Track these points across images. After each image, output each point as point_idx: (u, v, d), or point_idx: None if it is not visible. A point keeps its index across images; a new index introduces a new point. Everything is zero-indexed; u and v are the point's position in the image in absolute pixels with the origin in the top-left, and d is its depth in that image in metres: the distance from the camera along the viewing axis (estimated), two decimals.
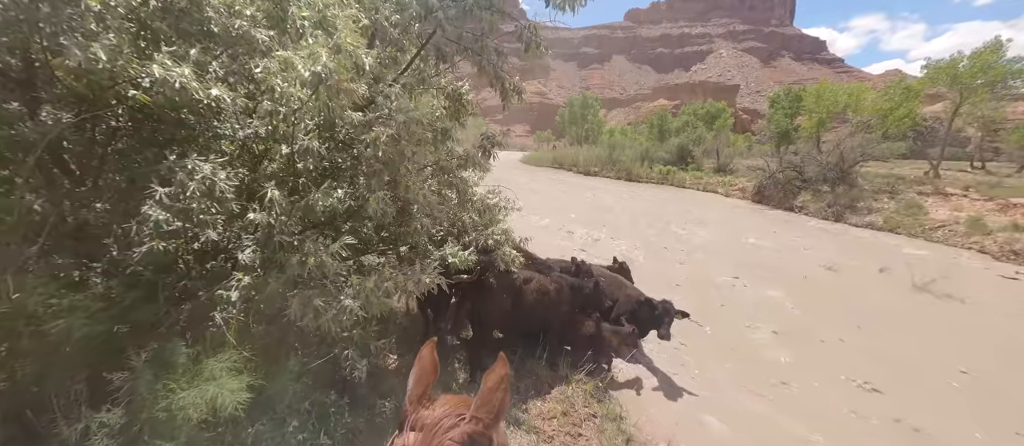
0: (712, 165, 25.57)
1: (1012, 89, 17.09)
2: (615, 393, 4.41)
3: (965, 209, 13.28)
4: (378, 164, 1.91)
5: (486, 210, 3.12)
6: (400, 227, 2.56)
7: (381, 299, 1.84)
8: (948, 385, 4.90)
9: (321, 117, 1.83)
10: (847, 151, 16.79)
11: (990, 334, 6.28)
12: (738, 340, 5.73)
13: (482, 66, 2.28)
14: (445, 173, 2.60)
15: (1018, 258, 10.51)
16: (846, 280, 8.59)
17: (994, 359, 5.50)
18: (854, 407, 4.36)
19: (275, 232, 1.75)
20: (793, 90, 28.08)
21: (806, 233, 13.02)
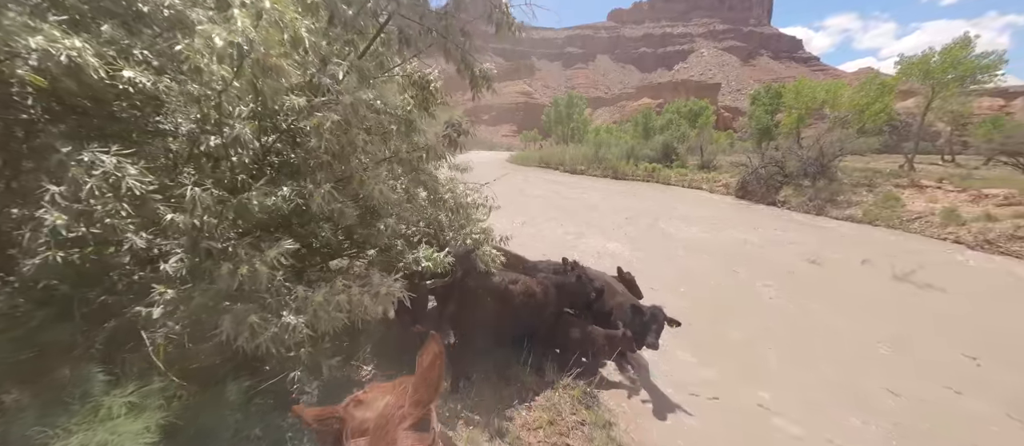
0: (696, 162, 25.81)
1: (980, 83, 17.63)
2: (605, 397, 4.22)
3: (940, 200, 13.61)
4: (325, 156, 1.67)
5: (460, 209, 2.88)
6: (365, 229, 2.31)
7: (332, 314, 1.59)
8: (949, 370, 4.86)
9: (258, 103, 1.58)
10: (826, 146, 17.09)
11: (973, 321, 6.33)
12: (729, 338, 5.62)
13: (447, 50, 2.04)
14: (414, 169, 2.36)
15: (991, 247, 10.77)
16: (830, 273, 8.63)
17: (982, 343, 5.52)
18: (852, 404, 4.27)
19: (201, 237, 1.49)
20: (773, 87, 28.57)
21: (790, 227, 13.15)
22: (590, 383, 4.23)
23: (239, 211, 1.52)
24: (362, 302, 1.64)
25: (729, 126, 51.69)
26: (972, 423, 4.08)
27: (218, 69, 1.39)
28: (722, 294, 7.22)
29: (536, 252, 6.55)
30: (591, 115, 62.67)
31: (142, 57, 1.86)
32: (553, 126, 48.77)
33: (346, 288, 1.64)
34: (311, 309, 1.54)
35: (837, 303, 6.89)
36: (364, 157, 1.79)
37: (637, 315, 4.26)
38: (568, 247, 9.83)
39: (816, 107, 23.95)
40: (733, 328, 5.90)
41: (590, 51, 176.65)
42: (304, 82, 1.78)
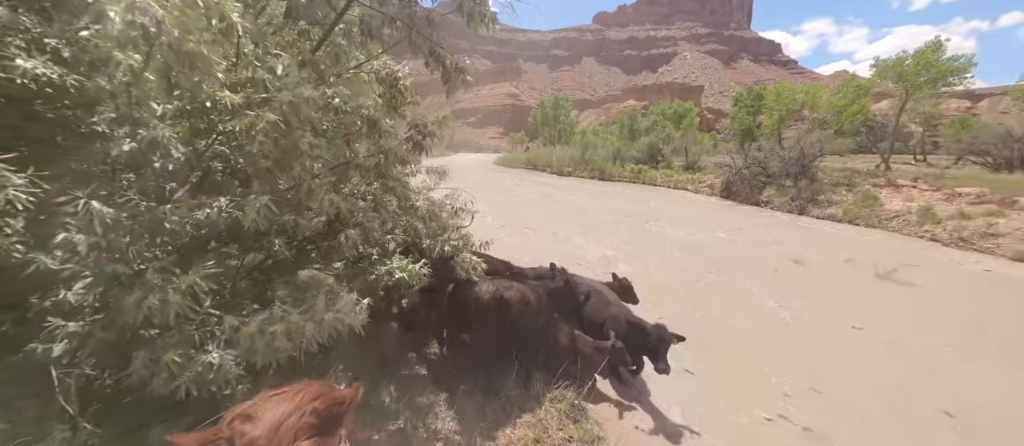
0: (681, 163, 26.04)
1: (950, 85, 18.20)
2: (594, 410, 4.04)
3: (916, 199, 13.93)
4: (263, 162, 1.44)
5: (432, 216, 2.67)
6: (327, 241, 2.08)
7: (272, 345, 1.36)
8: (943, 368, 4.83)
9: (185, 100, 1.35)
10: (807, 147, 17.37)
11: (955, 315, 6.38)
12: (718, 343, 5.51)
13: (413, 41, 1.83)
14: (381, 175, 2.14)
15: (966, 244, 11.03)
16: (815, 272, 8.67)
17: (965, 339, 5.54)
18: (845, 413, 4.18)
19: (108, 260, 1.24)
20: (754, 90, 29.06)
21: (773, 227, 13.27)
22: (579, 395, 4.05)
23: (152, 227, 1.28)
24: (302, 331, 1.41)
25: (712, 127, 52.53)
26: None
27: (124, 57, 1.15)
28: (709, 296, 7.15)
29: (525, 255, 6.38)
30: (577, 117, 62.97)
31: (55, 46, 1.60)
32: (540, 128, 48.79)
33: (285, 316, 1.40)
34: (244, 342, 1.31)
35: (824, 304, 6.89)
36: (313, 162, 1.57)
37: (635, 332, 4.04)
38: (558, 250, 9.67)
39: (796, 109, 24.42)
40: (722, 332, 5.80)
41: (576, 53, 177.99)
42: (247, 77, 1.54)
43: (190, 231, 1.37)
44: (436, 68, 2.01)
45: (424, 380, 4.12)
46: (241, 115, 1.28)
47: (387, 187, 2.21)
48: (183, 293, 1.22)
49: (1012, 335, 5.92)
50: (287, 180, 1.57)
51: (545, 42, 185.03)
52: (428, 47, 1.88)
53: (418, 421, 3.43)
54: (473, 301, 3.69)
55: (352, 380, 3.71)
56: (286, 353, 1.41)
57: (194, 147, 1.52)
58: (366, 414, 3.33)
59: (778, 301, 6.97)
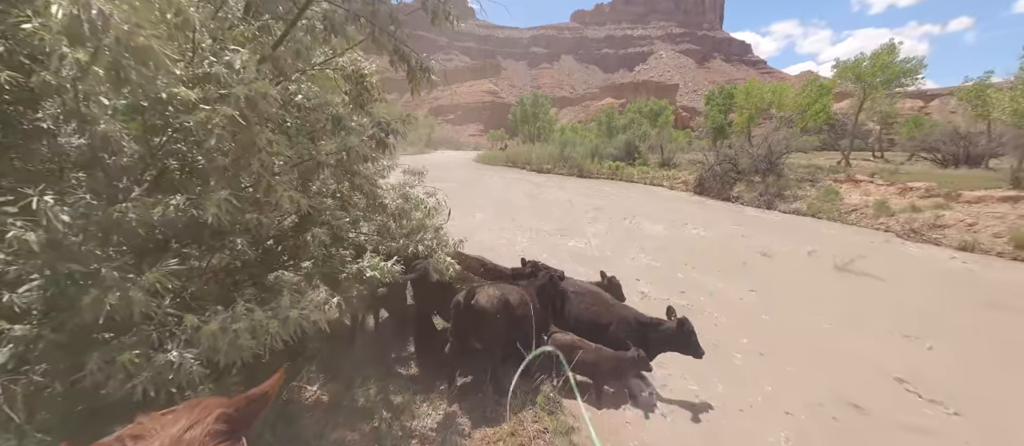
0: (657, 160, 26.66)
1: (903, 86, 19.37)
2: (568, 403, 4.14)
3: (872, 193, 14.77)
4: (220, 158, 1.42)
5: (402, 214, 2.67)
6: (291, 240, 2.05)
7: (236, 344, 1.35)
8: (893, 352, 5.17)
9: (137, 95, 1.31)
10: (774, 144, 18.11)
11: (901, 301, 6.84)
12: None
13: (375, 38, 1.83)
14: (348, 172, 2.12)
15: (916, 235, 11.79)
16: (780, 264, 9.09)
17: (909, 320, 5.95)
18: (805, 401, 4.43)
19: (61, 259, 1.20)
20: (726, 89, 30.07)
21: (743, 221, 13.79)
22: (554, 389, 4.13)
23: (107, 226, 1.25)
24: (267, 328, 1.41)
25: (687, 125, 53.97)
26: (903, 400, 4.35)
27: (69, 51, 1.12)
28: (681, 289, 7.39)
29: (504, 252, 6.43)
30: (557, 114, 63.43)
31: None
32: (519, 125, 48.88)
33: (248, 313, 1.39)
34: (205, 340, 1.29)
35: (787, 294, 7.24)
36: (273, 159, 1.55)
37: (651, 330, 4.18)
38: (537, 246, 9.77)
39: (764, 107, 25.43)
40: (694, 322, 6.01)
41: (555, 51, 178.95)
42: (203, 73, 1.51)
43: (146, 230, 1.33)
44: (401, 67, 2.01)
45: (402, 380, 4.11)
46: (197, 111, 1.26)
47: (354, 185, 2.20)
48: (146, 291, 1.19)
49: (952, 318, 6.41)
50: (247, 177, 1.55)
51: (524, 39, 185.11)
52: (392, 45, 1.88)
53: (394, 420, 3.43)
54: (487, 307, 3.70)
55: (325, 382, 3.67)
56: (251, 351, 1.40)
57: (149, 144, 1.48)
58: (338, 415, 3.30)
59: (746, 292, 7.27)
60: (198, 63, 1.41)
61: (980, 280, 8.56)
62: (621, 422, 3.92)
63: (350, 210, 2.39)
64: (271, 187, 1.50)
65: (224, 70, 1.31)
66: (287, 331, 1.47)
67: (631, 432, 3.80)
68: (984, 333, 6.02)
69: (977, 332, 6.05)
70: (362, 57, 2.64)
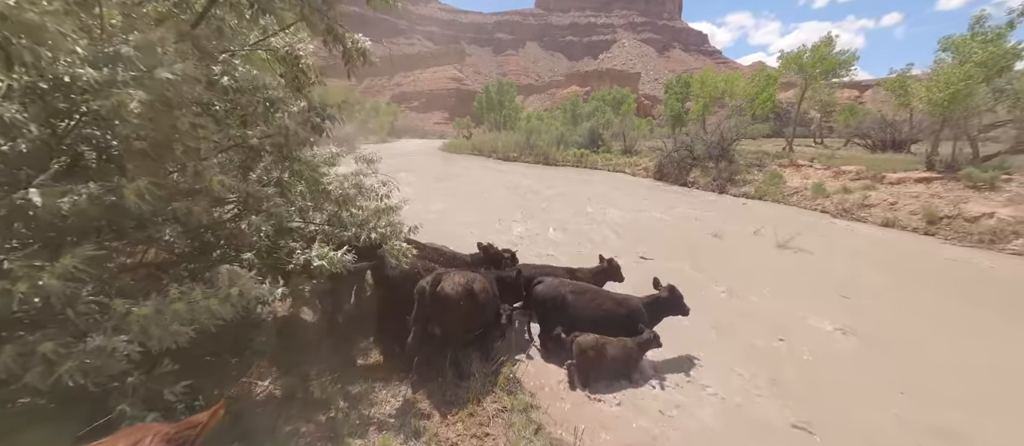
0: (620, 147, 27.36)
1: (840, 77, 20.93)
2: (527, 382, 4.28)
3: (811, 177, 15.97)
4: (137, 143, 1.35)
5: (347, 201, 2.63)
6: (225, 229, 1.98)
7: (171, 328, 1.31)
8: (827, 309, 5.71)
9: (32, 75, 1.21)
10: (726, 131, 19.09)
11: (832, 271, 7.55)
12: None
13: (306, 16, 1.77)
14: (285, 158, 2.06)
15: (847, 214, 12.93)
16: (729, 243, 9.71)
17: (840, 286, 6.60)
18: (747, 358, 4.82)
19: None
20: (683, 77, 31.17)
21: (698, 205, 14.53)
22: (513, 369, 4.26)
23: (7, 217, 1.16)
24: (207, 308, 1.37)
25: (648, 113, 55.57)
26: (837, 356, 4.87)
27: None
28: (643, 269, 7.73)
29: (470, 240, 6.45)
30: (523, 102, 63.29)
31: None
32: (485, 113, 48.41)
33: (184, 295, 1.35)
34: (136, 325, 1.24)
35: (734, 270, 7.77)
36: (198, 144, 1.47)
37: (652, 306, 4.59)
38: (505, 234, 9.84)
39: (718, 96, 26.65)
40: None
41: (520, 37, 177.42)
42: (112, 52, 1.41)
43: (60, 220, 1.24)
44: (335, 47, 1.95)
45: (361, 369, 4.08)
46: (106, 93, 1.18)
47: (294, 172, 2.14)
48: (60, 277, 1.12)
49: (873, 284, 7.17)
50: (172, 164, 1.47)
51: (488, 25, 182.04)
52: (324, 24, 1.82)
53: (351, 409, 3.42)
54: (453, 295, 3.73)
55: (277, 377, 3.59)
56: (186, 335, 1.36)
57: (53, 129, 1.37)
58: (292, 408, 3.25)
59: (699, 271, 7.73)
60: (106, 42, 1.32)
61: (896, 251, 9.57)
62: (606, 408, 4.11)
63: (292, 198, 2.33)
64: (198, 173, 1.43)
65: (133, 51, 1.23)
66: (226, 310, 1.44)
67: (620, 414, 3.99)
68: (895, 293, 6.80)
69: (890, 292, 6.83)
70: (306, 38, 2.54)
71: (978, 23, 12.78)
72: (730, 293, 6.76)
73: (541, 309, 4.58)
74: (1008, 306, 6.62)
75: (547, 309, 4.52)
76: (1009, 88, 12.44)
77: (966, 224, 10.55)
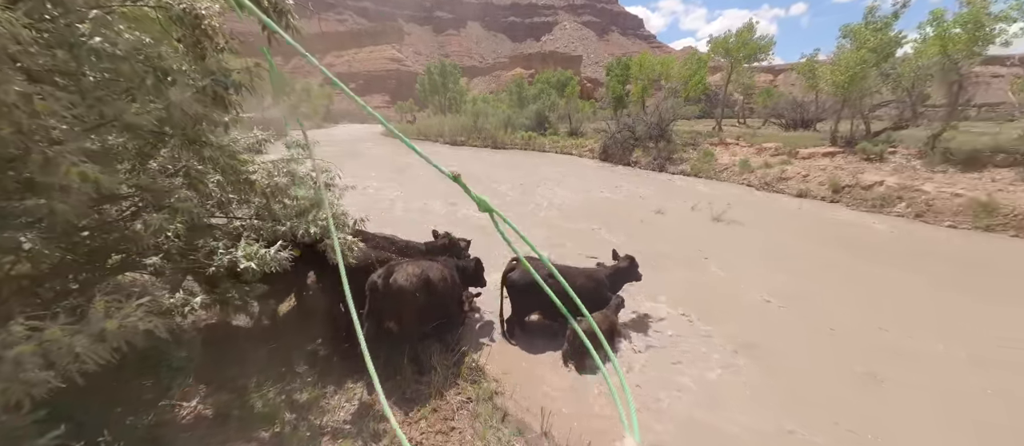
0: (566, 129, 27.79)
1: (759, 60, 22.84)
2: (491, 369, 4.19)
3: (738, 154, 17.40)
4: None
5: (278, 192, 2.30)
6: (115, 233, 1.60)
7: (12, 379, 0.98)
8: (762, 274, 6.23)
9: None
10: (664, 112, 20.08)
11: (758, 239, 8.31)
12: None
13: None
14: (193, 142, 1.70)
15: (768, 187, 14.28)
16: (670, 219, 10.29)
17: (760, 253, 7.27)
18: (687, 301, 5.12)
19: None
20: (623, 60, 32.20)
21: (641, 184, 15.22)
22: (476, 358, 4.15)
23: None
24: (71, 348, 1.06)
25: (591, 96, 56.95)
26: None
27: None
28: (590, 248, 7.92)
29: (423, 227, 6.14)
30: (467, 85, 61.80)
31: None
32: (429, 96, 46.68)
33: (32, 333, 1.03)
34: None
35: (677, 242, 8.25)
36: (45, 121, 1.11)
37: (614, 276, 4.91)
38: (456, 219, 9.55)
39: (655, 78, 27.92)
40: None
41: (460, 16, 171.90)
42: None
43: None
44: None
45: (308, 375, 3.73)
46: None
47: (205, 159, 1.77)
48: None
49: (794, 247, 7.99)
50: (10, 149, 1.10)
51: (427, 3, 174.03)
52: None
53: (300, 420, 3.11)
54: (406, 286, 3.54)
55: (208, 394, 3.16)
56: (45, 385, 1.03)
57: None
58: (229, 427, 2.87)
59: (646, 245, 8.08)
60: None
61: (810, 218, 10.76)
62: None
63: (206, 191, 1.96)
64: (49, 162, 1.08)
65: None
66: (102, 350, 1.13)
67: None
68: (812, 254, 7.65)
69: (807, 254, 7.68)
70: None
71: (871, 13, 14.45)
72: (677, 263, 7.16)
73: (518, 295, 4.47)
74: (898, 259, 7.74)
75: (525, 294, 4.43)
76: (892, 72, 14.32)
77: (862, 192, 12.11)
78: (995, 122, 17.95)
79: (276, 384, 3.46)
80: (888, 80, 14.41)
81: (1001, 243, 9.01)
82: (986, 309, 5.73)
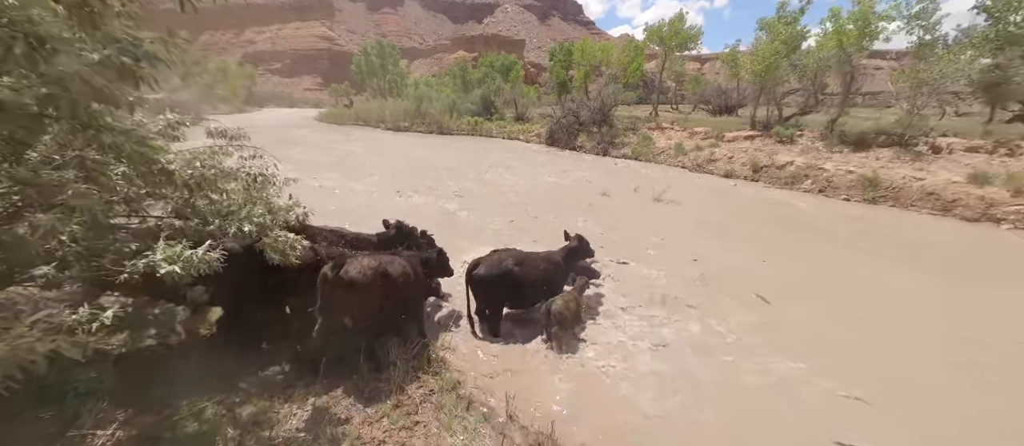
0: (512, 115, 27.74)
1: (690, 49, 24.41)
2: (453, 359, 4.13)
3: (673, 138, 18.59)
4: None
5: (203, 184, 2.02)
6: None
7: None
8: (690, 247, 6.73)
9: None
10: (606, 98, 20.78)
11: (693, 216, 9.01)
12: None
13: None
14: (87, 126, 1.40)
15: (700, 168, 15.46)
16: (615, 201, 10.78)
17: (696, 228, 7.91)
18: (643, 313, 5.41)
19: None
20: (565, 45, 32.65)
21: (587, 168, 15.72)
22: (436, 349, 4.05)
23: None
24: None
25: (535, 81, 57.31)
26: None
27: None
28: (541, 232, 8.05)
29: (373, 219, 5.79)
30: (408, 67, 59.02)
31: None
32: (366, 78, 43.92)
33: None
34: None
35: (625, 223, 8.67)
36: None
37: (568, 258, 5.05)
38: (406, 208, 9.17)
39: (597, 64, 28.70)
40: None
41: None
42: None
43: None
44: None
45: (252, 386, 3.39)
46: None
47: (106, 146, 1.47)
48: None
49: (723, 222, 8.77)
50: None
51: None
52: None
53: (245, 435, 2.83)
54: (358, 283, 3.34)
55: (128, 418, 2.76)
56: None
57: None
58: None
59: (601, 227, 8.39)
60: None
61: (735, 196, 11.86)
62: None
63: (109, 184, 1.64)
64: None
65: None
66: None
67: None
68: (737, 227, 8.46)
69: (733, 226, 8.48)
70: None
71: (782, 8, 15.98)
72: (626, 241, 7.53)
73: (487, 287, 4.37)
74: (802, 228, 8.81)
75: (494, 286, 4.35)
76: (800, 63, 16.04)
77: (777, 171, 13.57)
78: (877, 108, 20.92)
79: (214, 399, 3.11)
80: (796, 70, 16.13)
81: (882, 211, 10.64)
82: (863, 262, 6.88)
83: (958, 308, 5.58)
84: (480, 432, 3.17)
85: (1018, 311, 5.51)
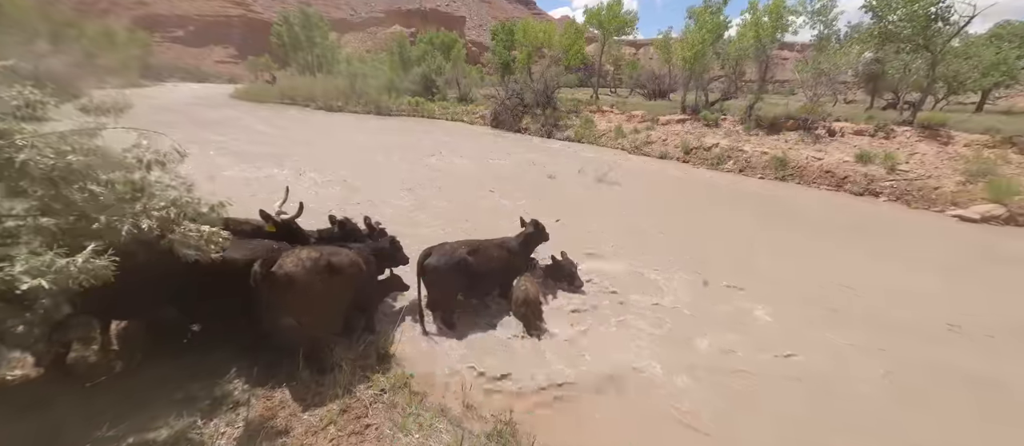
0: (455, 95, 26.94)
1: (626, 34, 25.29)
2: (404, 354, 3.95)
3: (613, 121, 19.31)
4: None
5: (76, 176, 1.65)
6: None
7: None
8: (633, 229, 7.06)
9: None
10: (549, 80, 20.91)
11: (634, 197, 9.50)
12: None
13: None
14: None
15: (639, 151, 16.26)
16: (561, 183, 10.98)
17: (648, 213, 8.35)
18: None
19: None
20: (507, 25, 32.11)
21: (532, 150, 15.80)
22: (385, 346, 3.84)
23: None
24: None
25: (478, 61, 56.03)
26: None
27: None
28: (489, 216, 7.98)
29: (315, 211, 5.24)
30: (339, 40, 54.42)
31: None
32: (290, 51, 39.82)
33: None
34: None
35: (570, 204, 8.86)
36: None
37: (526, 243, 5.00)
38: (351, 199, 8.51)
39: (539, 46, 28.68)
40: None
41: None
42: None
43: None
44: None
45: (166, 406, 2.95)
46: None
47: None
48: None
49: (663, 199, 9.34)
50: None
51: None
52: None
53: None
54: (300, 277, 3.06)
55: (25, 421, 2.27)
56: None
57: None
58: None
59: (549, 211, 8.47)
60: None
61: (668, 175, 12.68)
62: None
63: None
64: None
65: None
66: None
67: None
68: (670, 203, 9.07)
69: (667, 203, 9.09)
70: None
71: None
72: (573, 218, 7.71)
73: (441, 277, 4.17)
74: (728, 201, 9.69)
75: (448, 276, 4.15)
76: (722, 51, 17.34)
77: (705, 153, 14.69)
78: (784, 95, 23.41)
79: (117, 424, 2.67)
80: (719, 58, 17.43)
81: (790, 188, 12.02)
82: (770, 231, 7.71)
83: (839, 263, 6.71)
84: (437, 427, 3.08)
85: (884, 265, 6.66)
